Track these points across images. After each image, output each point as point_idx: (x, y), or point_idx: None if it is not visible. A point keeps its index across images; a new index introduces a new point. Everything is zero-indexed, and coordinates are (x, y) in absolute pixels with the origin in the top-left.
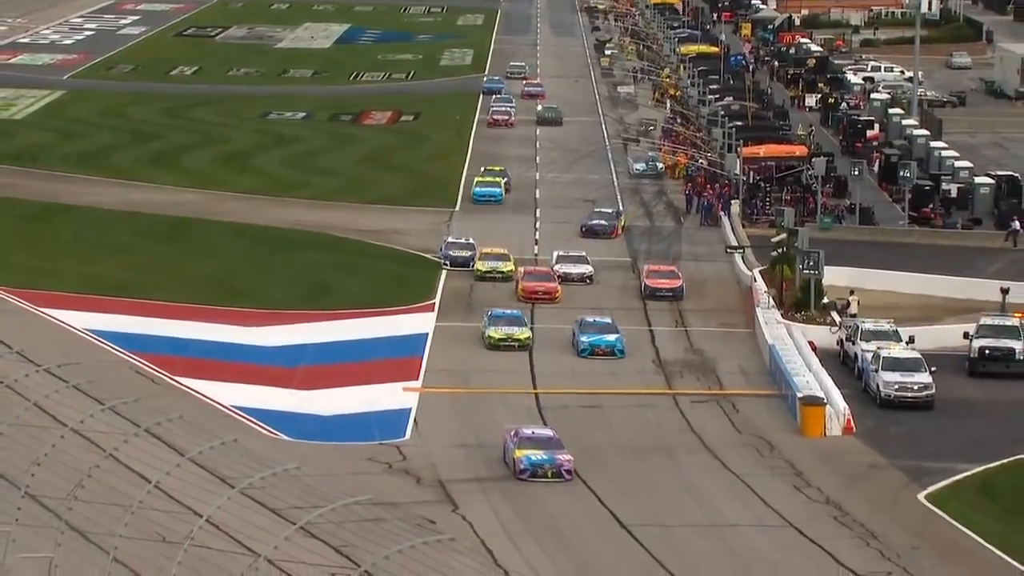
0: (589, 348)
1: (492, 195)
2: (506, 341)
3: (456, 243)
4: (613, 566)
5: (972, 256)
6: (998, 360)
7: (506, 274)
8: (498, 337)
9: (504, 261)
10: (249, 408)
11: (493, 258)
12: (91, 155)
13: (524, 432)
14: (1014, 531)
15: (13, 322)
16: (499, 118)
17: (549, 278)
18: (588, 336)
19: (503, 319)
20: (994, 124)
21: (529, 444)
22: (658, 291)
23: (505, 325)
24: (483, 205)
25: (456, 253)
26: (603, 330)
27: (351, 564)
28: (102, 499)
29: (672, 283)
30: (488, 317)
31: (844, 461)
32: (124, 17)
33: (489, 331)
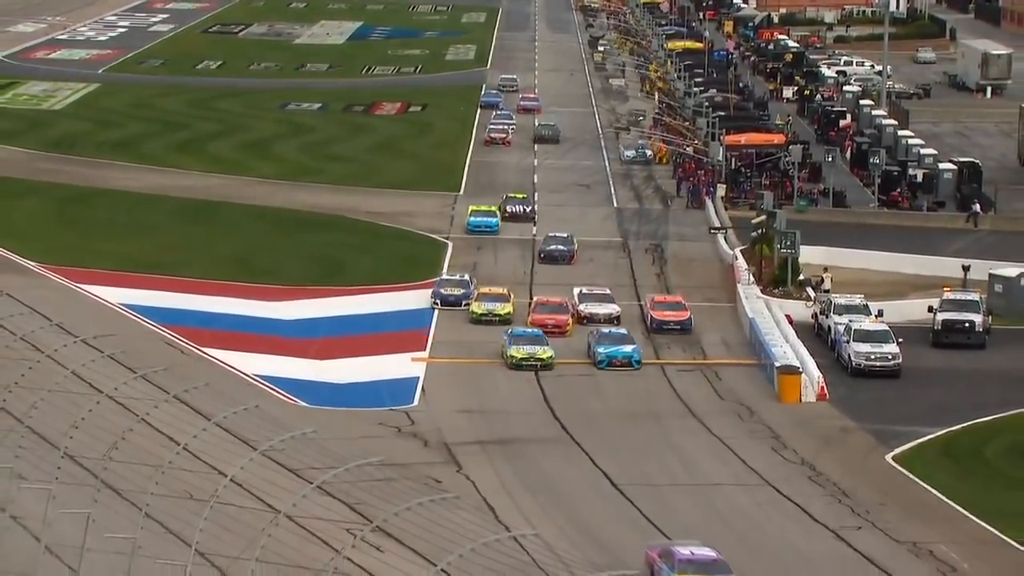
0: (607, 360)
1: (488, 225)
2: (528, 361)
3: (449, 280)
4: (605, 522)
5: (936, 236)
6: (959, 332)
7: (504, 317)
8: (520, 357)
9: (502, 302)
10: (269, 376)
11: (491, 299)
12: (124, 143)
13: (680, 554)
14: (973, 489)
15: (53, 297)
16: (496, 136)
17: (561, 310)
18: (605, 347)
19: (524, 338)
20: (957, 114)
21: (691, 569)
22: (665, 324)
23: (527, 344)
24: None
25: (448, 291)
26: (620, 341)
27: (364, 520)
28: (135, 460)
29: (680, 315)
30: (509, 336)
31: (818, 425)
32: (155, 15)
33: (511, 350)
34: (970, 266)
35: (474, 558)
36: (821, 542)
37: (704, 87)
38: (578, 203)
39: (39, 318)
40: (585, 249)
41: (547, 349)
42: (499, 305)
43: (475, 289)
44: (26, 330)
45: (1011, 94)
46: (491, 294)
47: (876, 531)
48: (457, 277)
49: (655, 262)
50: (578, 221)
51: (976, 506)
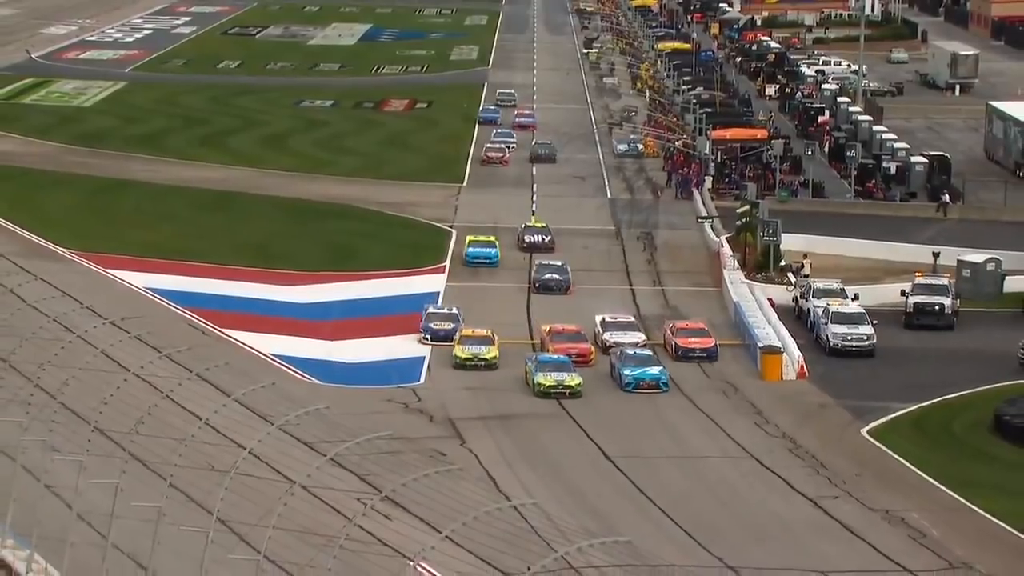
0: (634, 382)
1: (487, 256)
2: (557, 388)
3: (438, 313)
4: (600, 492)
5: (908, 225)
6: (930, 314)
7: (490, 361)
8: (548, 384)
9: (487, 345)
10: (285, 356)
11: (475, 341)
12: (149, 137)
13: None
14: (942, 460)
15: (83, 281)
16: (492, 156)
17: (579, 338)
18: (631, 369)
19: (550, 364)
20: (927, 111)
21: None
22: (691, 352)
23: (554, 371)
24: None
25: (437, 325)
26: (645, 362)
27: (373, 490)
28: (160, 433)
29: (705, 343)
30: (534, 362)
31: (798, 401)
32: (178, 18)
33: (538, 377)
34: (940, 253)
35: (476, 525)
36: (800, 510)
37: (692, 85)
38: (574, 194)
39: (70, 301)
40: (580, 237)
41: (575, 376)
42: (484, 349)
43: None
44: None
45: (978, 92)
46: (475, 336)
47: (852, 500)
48: (446, 310)
49: (646, 249)
50: (574, 211)
51: (945, 476)
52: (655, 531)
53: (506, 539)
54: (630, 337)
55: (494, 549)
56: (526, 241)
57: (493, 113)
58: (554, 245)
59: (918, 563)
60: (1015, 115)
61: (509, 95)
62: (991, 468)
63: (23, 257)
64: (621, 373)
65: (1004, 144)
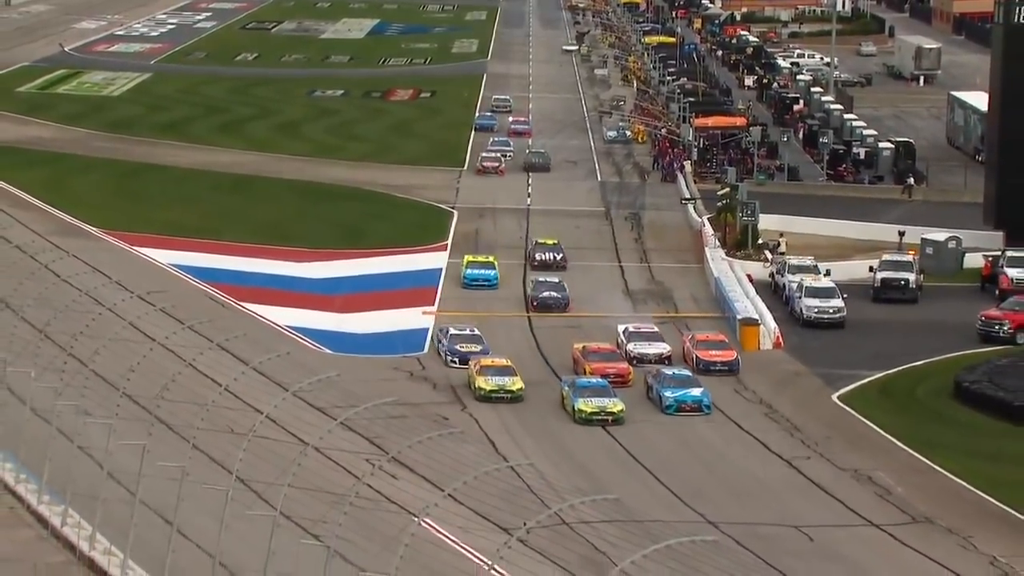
0: (675, 404)
1: (485, 279)
2: (599, 415)
3: (461, 335)
4: (589, 452)
5: (876, 206)
6: (895, 288)
7: (516, 394)
8: (590, 411)
9: (511, 376)
10: (299, 327)
11: (496, 371)
12: (172, 125)
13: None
14: (907, 424)
15: (112, 258)
16: (488, 165)
17: (616, 357)
18: (672, 391)
19: (590, 389)
20: (894, 100)
21: None
22: (712, 365)
23: (594, 396)
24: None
25: (464, 348)
26: (685, 383)
27: (381, 451)
28: (183, 399)
29: (726, 355)
30: (572, 387)
31: (774, 369)
32: (199, 13)
33: (578, 403)
34: (905, 231)
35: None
36: (776, 470)
37: (676, 76)
38: (566, 177)
39: (100, 276)
40: (572, 218)
41: (617, 401)
42: (509, 380)
43: None
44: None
45: (940, 83)
46: (495, 366)
47: (823, 460)
48: (468, 331)
49: (633, 229)
50: (566, 193)
51: (909, 438)
52: (642, 490)
53: (504, 497)
54: (655, 348)
55: (492, 506)
56: (537, 259)
57: (489, 119)
58: (566, 264)
59: (884, 518)
60: (974, 104)
61: (504, 101)
62: (951, 431)
63: (56, 235)
64: (662, 394)
65: (964, 131)
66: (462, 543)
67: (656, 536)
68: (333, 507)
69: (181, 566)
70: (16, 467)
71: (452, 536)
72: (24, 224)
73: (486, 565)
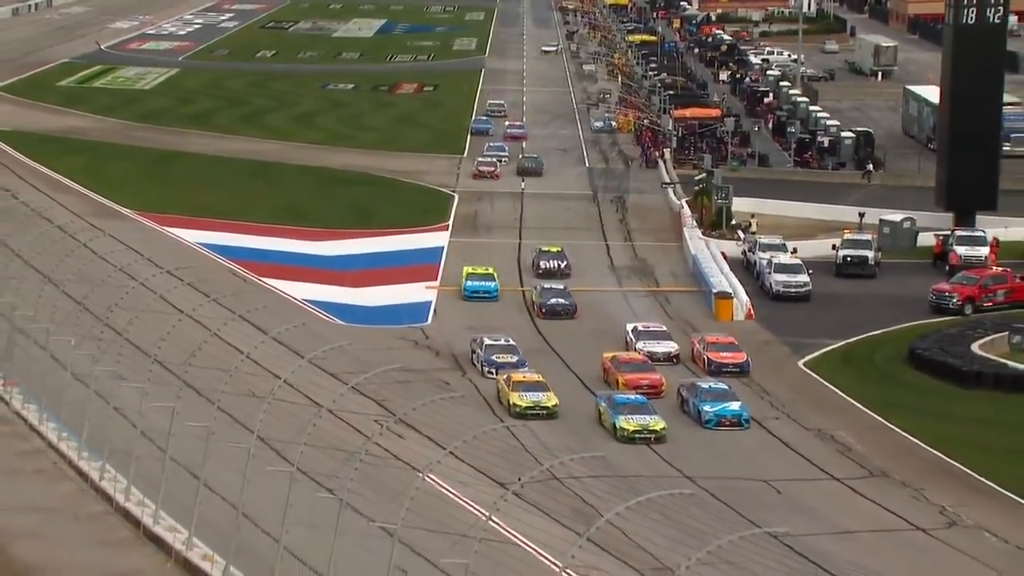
0: (715, 419)
1: (486, 290)
2: (642, 433)
3: (495, 345)
4: (578, 414)
5: (838, 189)
6: (856, 265)
7: (552, 410)
8: (632, 429)
9: (545, 392)
10: (314, 300)
11: (529, 387)
12: (198, 116)
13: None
14: (865, 387)
15: (144, 237)
16: (484, 169)
17: (650, 368)
18: (711, 405)
19: (629, 406)
20: (854, 94)
21: None
22: (724, 367)
23: (634, 413)
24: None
25: (501, 359)
26: (723, 397)
27: (388, 413)
28: (209, 365)
29: (737, 357)
30: (610, 403)
31: (745, 339)
32: (223, 14)
33: (619, 422)
34: (865, 213)
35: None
36: (747, 429)
37: (657, 71)
38: (557, 163)
39: (133, 253)
40: (562, 200)
41: (658, 419)
42: (544, 396)
43: None
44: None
45: (897, 78)
46: (527, 381)
47: (790, 421)
48: (503, 341)
49: (618, 211)
50: (557, 178)
51: (867, 400)
52: (625, 448)
53: (500, 455)
54: (663, 347)
55: (490, 463)
56: (542, 267)
57: (485, 123)
58: (570, 271)
59: (844, 472)
60: (927, 97)
61: (499, 106)
62: (905, 393)
63: (94, 216)
64: (700, 408)
65: (918, 121)
66: (462, 496)
67: (638, 490)
68: (345, 463)
69: (207, 516)
70: (58, 426)
71: (453, 490)
72: (64, 206)
73: (484, 516)
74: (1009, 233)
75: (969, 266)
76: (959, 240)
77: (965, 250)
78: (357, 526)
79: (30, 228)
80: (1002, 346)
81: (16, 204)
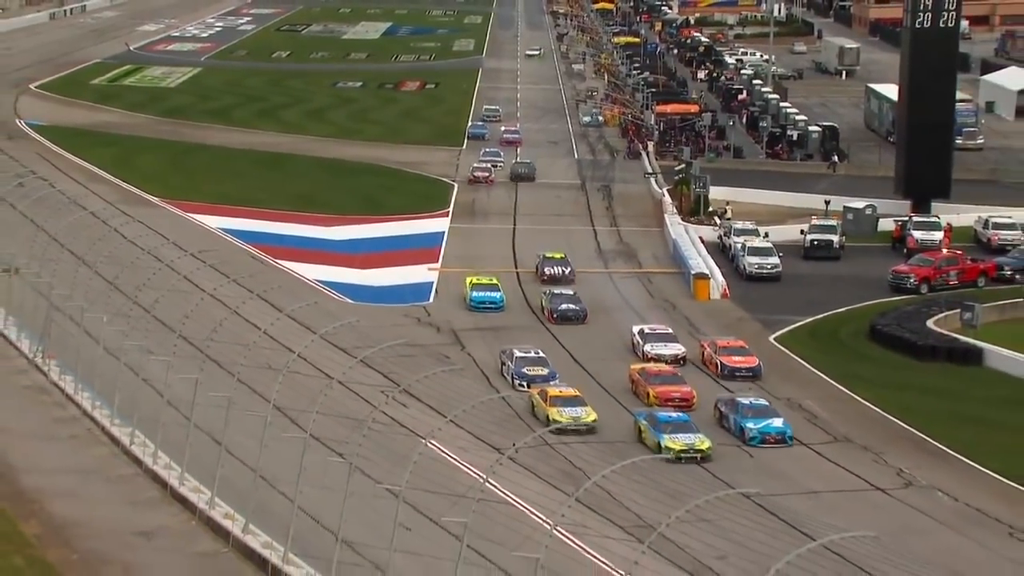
0: (759, 436)
1: (491, 300)
2: (688, 452)
3: (525, 357)
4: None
5: (806, 179)
6: (822, 248)
7: (591, 425)
8: (679, 448)
9: (583, 407)
10: (325, 280)
11: (566, 402)
12: (219, 111)
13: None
14: (831, 360)
15: (169, 222)
16: (479, 175)
17: (680, 380)
18: (755, 422)
19: (671, 424)
20: (821, 91)
21: None
22: (737, 371)
23: (678, 432)
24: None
25: (532, 371)
26: (765, 413)
27: (394, 384)
28: (229, 340)
29: (748, 361)
30: (652, 422)
31: (722, 316)
32: (241, 18)
33: (664, 441)
34: (830, 200)
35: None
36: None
37: (640, 70)
38: (549, 155)
39: (160, 237)
40: (553, 189)
41: (704, 438)
42: (583, 411)
43: None
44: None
45: (859, 77)
46: (564, 396)
47: (762, 390)
48: (533, 354)
49: (604, 198)
50: (548, 168)
51: (833, 372)
52: (609, 415)
53: (496, 422)
54: (670, 349)
55: (487, 430)
56: (546, 274)
57: (480, 128)
58: (574, 277)
59: (812, 438)
60: (887, 94)
61: (494, 111)
62: (867, 366)
63: (123, 204)
64: (743, 425)
65: (878, 117)
66: (461, 460)
67: (622, 455)
68: (354, 430)
69: (228, 478)
70: (92, 396)
71: (453, 455)
72: (97, 194)
73: (482, 478)
74: (961, 219)
75: (925, 249)
76: (916, 225)
77: (921, 235)
78: (365, 487)
79: (66, 215)
80: (954, 322)
81: (53, 192)
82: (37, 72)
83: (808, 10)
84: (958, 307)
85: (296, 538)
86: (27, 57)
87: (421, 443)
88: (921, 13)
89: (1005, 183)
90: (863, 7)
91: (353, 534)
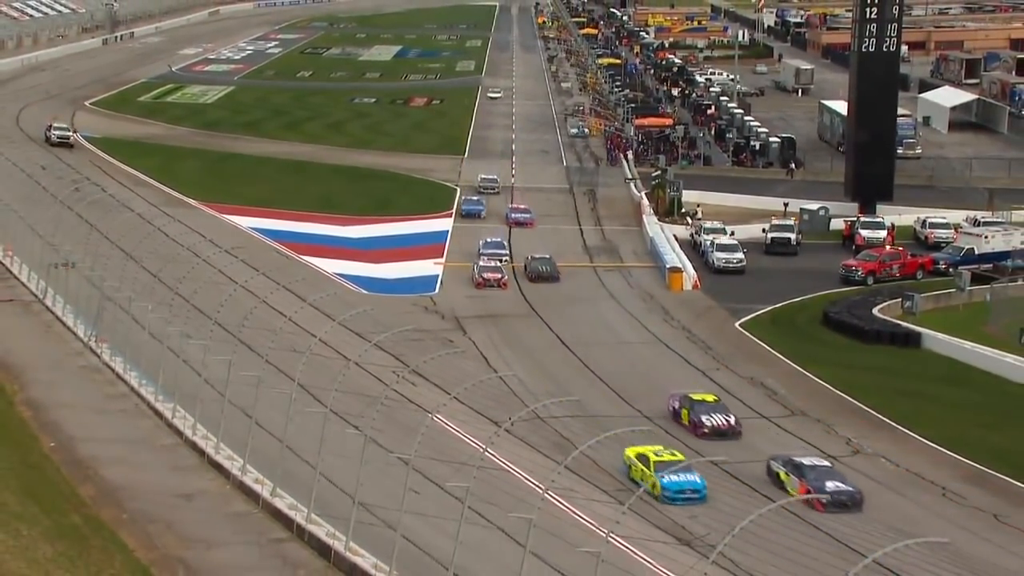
0: None
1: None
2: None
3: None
4: (558, 367)
5: (767, 183)
6: (782, 245)
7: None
8: None
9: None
10: (342, 273)
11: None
12: (250, 124)
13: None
14: (789, 343)
15: (205, 222)
16: (489, 277)
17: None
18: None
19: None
20: (780, 106)
21: None
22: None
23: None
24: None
25: None
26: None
27: (404, 365)
28: (259, 325)
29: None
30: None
31: (693, 305)
32: (270, 43)
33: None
34: (788, 203)
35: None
36: (694, 378)
37: (621, 88)
38: (540, 162)
39: (197, 236)
40: (544, 192)
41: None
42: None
43: None
44: (189, 243)
45: (814, 94)
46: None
47: (729, 371)
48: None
49: (590, 201)
50: (540, 174)
51: (791, 354)
52: (596, 392)
53: (495, 399)
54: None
55: (486, 405)
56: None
57: (476, 205)
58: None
59: (772, 412)
60: (837, 109)
61: (492, 181)
62: (820, 348)
63: (166, 206)
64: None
65: (830, 129)
66: (464, 432)
67: (607, 427)
68: (369, 406)
69: (258, 448)
70: (139, 375)
71: (457, 427)
72: (142, 197)
73: (481, 448)
74: (902, 219)
75: (871, 246)
76: (863, 225)
77: (868, 233)
78: (379, 456)
79: (116, 215)
80: (896, 310)
81: (104, 196)
82: (91, 91)
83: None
84: (900, 297)
85: (318, 500)
86: (83, 78)
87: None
88: (867, 39)
89: (940, 188)
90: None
91: (368, 497)
